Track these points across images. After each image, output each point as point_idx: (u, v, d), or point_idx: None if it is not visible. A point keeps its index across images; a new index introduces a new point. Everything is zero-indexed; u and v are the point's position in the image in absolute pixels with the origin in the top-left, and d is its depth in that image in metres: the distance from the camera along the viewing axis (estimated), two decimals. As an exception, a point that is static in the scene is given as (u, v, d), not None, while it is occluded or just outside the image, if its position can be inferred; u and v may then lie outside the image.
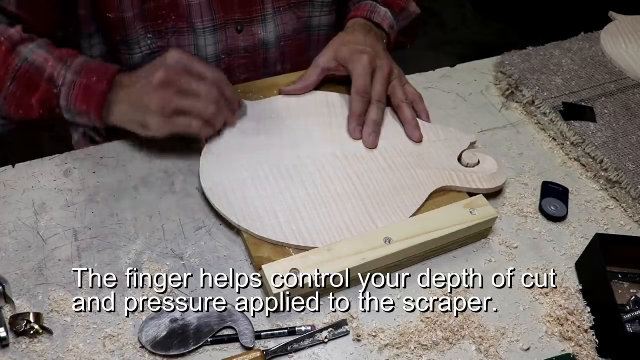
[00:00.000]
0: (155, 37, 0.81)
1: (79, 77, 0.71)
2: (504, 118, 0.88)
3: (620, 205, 0.76)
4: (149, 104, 0.68)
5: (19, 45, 0.72)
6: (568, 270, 0.69)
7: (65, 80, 0.71)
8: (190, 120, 0.70)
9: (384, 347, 0.60)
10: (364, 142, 0.76)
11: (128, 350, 0.58)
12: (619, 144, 0.79)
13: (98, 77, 0.71)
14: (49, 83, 0.71)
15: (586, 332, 0.62)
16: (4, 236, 0.67)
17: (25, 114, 0.73)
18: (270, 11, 0.85)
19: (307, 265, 0.61)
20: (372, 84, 0.78)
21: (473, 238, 0.70)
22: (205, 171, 0.71)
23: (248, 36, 0.86)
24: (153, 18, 0.79)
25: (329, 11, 0.91)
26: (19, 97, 0.72)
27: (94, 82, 0.70)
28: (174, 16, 0.80)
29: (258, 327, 0.61)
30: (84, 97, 0.71)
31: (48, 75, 0.71)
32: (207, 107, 0.70)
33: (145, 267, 0.64)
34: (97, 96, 0.70)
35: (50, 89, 0.71)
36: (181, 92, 0.69)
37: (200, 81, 0.70)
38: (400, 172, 0.73)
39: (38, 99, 0.72)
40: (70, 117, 0.73)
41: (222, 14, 0.82)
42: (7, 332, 0.58)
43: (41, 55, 0.72)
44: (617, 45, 0.96)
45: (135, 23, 0.79)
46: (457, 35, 2.50)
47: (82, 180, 0.73)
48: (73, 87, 0.71)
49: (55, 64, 0.72)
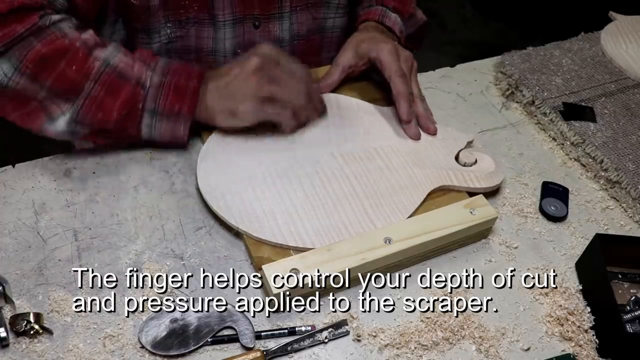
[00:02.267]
0: (175, 26, 0.81)
1: (166, 78, 0.71)
2: (504, 118, 0.88)
3: (620, 205, 0.76)
4: (243, 89, 0.70)
5: (95, 50, 0.71)
6: (568, 270, 0.69)
7: (152, 81, 0.71)
8: (280, 109, 0.72)
9: (384, 347, 0.60)
10: (409, 134, 0.78)
11: (128, 350, 0.58)
12: (619, 144, 0.79)
13: (187, 75, 0.72)
14: (135, 86, 0.71)
15: (586, 332, 0.62)
16: (4, 236, 0.67)
17: (104, 117, 0.71)
18: (288, 9, 0.86)
19: (307, 265, 0.61)
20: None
21: (473, 238, 0.70)
22: (203, 173, 0.71)
23: (264, 32, 0.87)
24: (175, 7, 0.80)
25: (343, 13, 0.92)
26: (101, 99, 0.70)
27: (183, 80, 0.72)
28: (196, 6, 0.80)
29: (258, 327, 0.61)
30: (176, 96, 0.71)
31: (135, 78, 0.71)
32: (297, 98, 0.73)
33: (145, 267, 0.64)
34: (190, 93, 0.71)
35: (137, 91, 0.71)
36: (274, 80, 0.71)
37: (291, 74, 0.73)
38: (398, 171, 0.73)
39: (122, 102, 0.70)
40: (151, 123, 0.72)
41: (242, 8, 0.83)
42: (7, 332, 0.58)
43: (122, 59, 0.71)
44: (617, 45, 0.96)
45: (158, 11, 0.79)
46: (457, 35, 2.50)
47: (82, 180, 0.73)
48: (162, 88, 0.71)
49: (141, 67, 0.72)
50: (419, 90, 0.82)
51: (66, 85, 0.69)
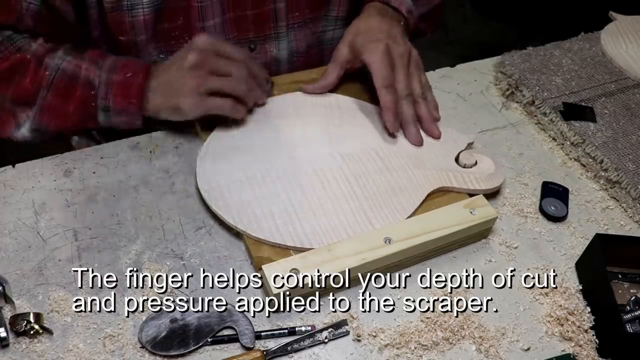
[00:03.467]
0: (168, 57, 0.80)
1: (113, 75, 0.72)
2: (504, 118, 0.88)
3: (620, 205, 0.76)
4: (183, 87, 0.70)
5: (46, 57, 0.73)
6: (568, 270, 0.69)
7: (101, 79, 0.72)
8: (223, 100, 0.72)
9: (384, 347, 0.60)
10: (410, 141, 0.76)
11: (128, 350, 0.58)
12: (619, 144, 0.79)
13: (133, 71, 0.72)
14: (85, 86, 0.72)
15: (586, 332, 0.62)
16: (4, 236, 0.67)
17: (60, 123, 0.74)
18: (284, 29, 0.85)
19: (307, 265, 0.61)
20: (395, 75, 0.76)
21: (473, 238, 0.70)
22: (202, 172, 0.71)
23: (260, 54, 0.86)
24: (166, 39, 0.80)
25: (342, 24, 0.90)
26: (55, 106, 0.73)
27: (130, 77, 0.72)
28: (187, 37, 0.80)
29: (258, 327, 0.61)
30: (123, 94, 0.72)
31: (83, 79, 0.72)
32: (238, 86, 0.72)
33: (145, 267, 0.64)
34: (136, 90, 0.72)
35: (88, 92, 0.72)
36: (213, 72, 0.71)
37: (230, 61, 0.72)
38: (398, 172, 0.73)
39: (76, 105, 0.73)
40: (105, 118, 0.74)
41: (236, 34, 0.82)
42: (7, 332, 0.58)
43: (71, 61, 0.73)
44: (617, 45, 0.96)
45: (148, 45, 0.79)
46: (457, 35, 2.50)
47: (82, 180, 0.73)
48: (110, 85, 0.72)
49: (89, 67, 0.73)
50: (421, 88, 0.78)
51: (24, 96, 0.73)
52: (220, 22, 0.80)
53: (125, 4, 0.74)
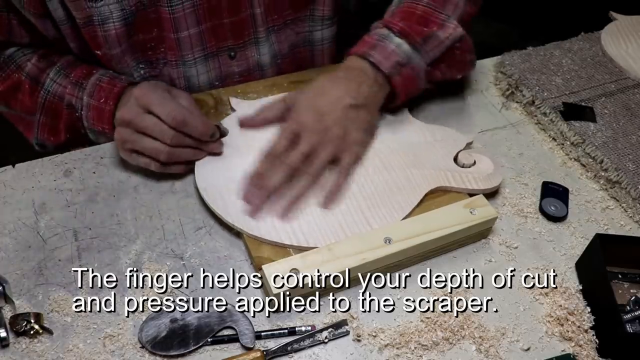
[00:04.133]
0: (147, 67, 0.81)
1: (91, 99, 0.75)
2: (504, 118, 0.88)
3: (620, 205, 0.76)
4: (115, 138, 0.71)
5: (40, 77, 0.78)
6: (568, 270, 0.69)
7: (82, 103, 0.76)
8: (149, 160, 0.70)
9: (384, 347, 0.60)
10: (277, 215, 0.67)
11: (128, 350, 0.58)
12: (619, 144, 0.79)
13: (105, 97, 0.74)
14: (69, 109, 0.77)
15: (586, 332, 0.62)
16: (4, 236, 0.67)
17: (56, 140, 0.81)
18: (264, 33, 0.84)
19: (307, 265, 0.61)
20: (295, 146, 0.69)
21: (473, 238, 0.69)
22: (201, 171, 0.71)
23: (241, 61, 0.85)
24: (142, 50, 0.79)
25: (330, 23, 0.89)
26: (49, 125, 0.80)
27: (102, 102, 0.74)
28: (163, 48, 0.80)
29: (258, 327, 0.61)
30: (98, 118, 0.75)
31: (67, 102, 0.77)
32: (159, 150, 0.68)
33: (145, 267, 0.65)
34: (107, 116, 0.74)
35: (72, 114, 0.77)
36: (139, 131, 0.68)
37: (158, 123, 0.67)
38: (396, 172, 0.73)
39: (64, 125, 0.79)
40: (94, 137, 0.78)
41: (214, 43, 0.81)
42: (7, 332, 0.58)
43: (60, 83, 0.77)
44: (617, 45, 0.96)
45: (125, 57, 0.78)
46: (457, 35, 2.49)
47: (82, 180, 0.73)
48: (89, 109, 0.76)
49: (72, 89, 0.77)
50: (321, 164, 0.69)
51: (29, 111, 0.80)
52: (196, 33, 0.79)
53: (96, 19, 0.72)
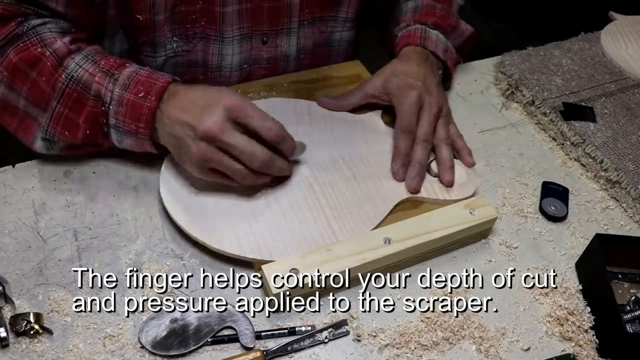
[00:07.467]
0: (181, 40, 0.80)
1: (125, 92, 0.66)
2: (504, 118, 0.88)
3: (620, 205, 0.76)
4: (188, 153, 0.63)
5: (66, 59, 0.68)
6: (568, 270, 0.69)
7: (114, 95, 0.66)
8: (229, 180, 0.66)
9: (384, 347, 0.60)
10: (406, 185, 0.71)
11: (128, 350, 0.58)
12: (619, 144, 0.79)
13: (145, 91, 0.65)
14: (96, 100, 0.67)
15: (586, 332, 0.62)
16: (4, 236, 0.67)
17: (69, 135, 0.69)
18: (296, 24, 0.85)
19: (307, 265, 0.61)
20: (418, 122, 0.74)
21: (473, 238, 0.69)
22: (165, 181, 0.69)
23: (272, 47, 0.86)
24: (182, 22, 0.78)
25: (350, 26, 0.91)
26: (65, 117, 0.68)
27: (140, 97, 0.65)
28: (203, 21, 0.79)
29: (258, 327, 0.61)
30: (132, 115, 0.66)
31: (95, 92, 0.67)
32: (245, 175, 0.64)
33: (145, 267, 0.64)
34: (146, 114, 0.65)
35: (98, 107, 0.67)
36: (224, 149, 0.63)
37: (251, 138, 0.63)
38: (365, 182, 0.71)
39: (85, 119, 0.67)
40: (118, 138, 0.68)
41: (250, 24, 0.82)
42: (7, 332, 0.58)
43: (87, 69, 0.67)
44: (617, 45, 0.96)
45: (164, 26, 0.77)
46: (457, 35, 2.50)
47: (82, 180, 0.73)
48: (121, 103, 0.66)
49: (102, 78, 0.67)
50: (445, 133, 0.76)
51: (39, 96, 0.68)
52: (237, 10, 0.79)
53: None
